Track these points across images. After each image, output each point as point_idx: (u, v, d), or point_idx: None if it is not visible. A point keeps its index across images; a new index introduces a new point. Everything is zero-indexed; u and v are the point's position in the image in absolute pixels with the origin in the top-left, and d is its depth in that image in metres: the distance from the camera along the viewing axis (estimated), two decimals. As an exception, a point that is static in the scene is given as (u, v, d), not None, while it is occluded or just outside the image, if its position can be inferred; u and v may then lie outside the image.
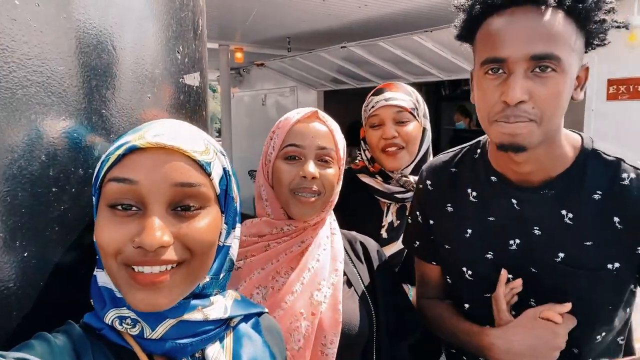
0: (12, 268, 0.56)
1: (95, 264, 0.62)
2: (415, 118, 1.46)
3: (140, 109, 0.71)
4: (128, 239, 0.55)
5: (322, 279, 0.98)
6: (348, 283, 1.04)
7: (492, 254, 0.99)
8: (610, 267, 0.89)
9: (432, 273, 1.16)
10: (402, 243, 1.29)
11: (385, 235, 1.44)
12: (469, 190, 1.03)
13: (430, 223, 1.11)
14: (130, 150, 0.56)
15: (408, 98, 1.46)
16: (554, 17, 0.80)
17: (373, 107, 1.47)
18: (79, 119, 0.62)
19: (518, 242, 0.96)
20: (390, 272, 1.15)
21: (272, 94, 7.20)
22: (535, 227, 0.94)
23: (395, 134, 1.42)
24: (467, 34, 0.92)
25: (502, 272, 0.96)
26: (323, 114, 1.03)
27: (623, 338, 1.02)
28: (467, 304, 1.06)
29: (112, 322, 0.58)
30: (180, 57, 0.80)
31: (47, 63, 0.58)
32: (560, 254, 0.91)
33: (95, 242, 0.59)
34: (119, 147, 0.57)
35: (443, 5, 3.90)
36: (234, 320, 0.70)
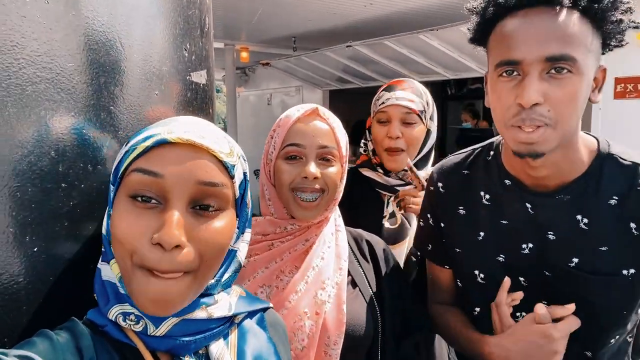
0: (22, 263, 0.56)
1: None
2: (422, 121, 1.48)
3: (148, 106, 0.72)
4: (146, 234, 0.55)
5: (326, 278, 0.97)
6: (353, 283, 1.03)
7: (504, 257, 0.98)
8: (626, 273, 0.87)
9: (443, 277, 1.15)
10: (414, 246, 1.28)
11: (388, 225, 1.46)
12: (482, 193, 1.02)
13: (442, 226, 1.09)
14: (159, 144, 0.57)
15: (418, 99, 1.48)
16: (569, 17, 0.78)
17: (383, 103, 1.49)
18: (88, 116, 0.62)
19: (531, 246, 0.95)
20: (397, 271, 1.14)
21: (277, 94, 7.20)
22: (550, 231, 0.92)
23: (400, 135, 1.45)
24: (480, 37, 0.91)
25: (505, 279, 0.94)
26: (324, 111, 1.01)
27: (632, 336, 1.01)
28: (477, 308, 1.04)
29: (115, 318, 0.58)
30: (188, 54, 0.80)
31: (56, 60, 0.58)
32: (575, 259, 0.90)
33: (107, 233, 0.59)
34: (147, 138, 0.57)
35: (449, 4, 3.88)
36: (239, 317, 0.70)
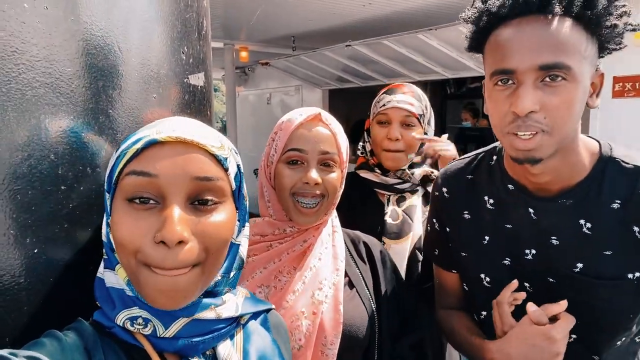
0: (22, 264, 0.57)
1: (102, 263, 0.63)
2: (420, 124, 1.52)
3: (146, 109, 0.72)
4: (148, 234, 0.55)
5: (323, 278, 0.98)
6: (350, 284, 1.04)
7: (509, 261, 0.98)
8: (631, 276, 0.87)
9: (450, 281, 1.15)
10: (422, 251, 1.29)
11: (390, 221, 1.47)
12: (486, 198, 1.02)
13: (447, 230, 1.10)
14: (149, 144, 0.57)
15: (418, 103, 1.52)
16: (562, 25, 0.78)
17: (384, 105, 1.52)
18: (87, 119, 0.63)
19: (534, 252, 0.95)
20: (394, 272, 1.14)
21: (277, 93, 7.21)
22: (553, 237, 0.92)
23: (399, 136, 1.48)
24: (476, 45, 0.91)
25: (513, 281, 0.93)
26: (326, 116, 1.02)
27: None
28: (484, 312, 1.04)
29: (123, 323, 0.59)
30: (185, 57, 0.81)
31: (55, 64, 0.59)
32: (579, 264, 0.90)
33: (108, 240, 0.60)
34: (137, 141, 0.58)
35: (447, 4, 3.89)
36: (244, 318, 0.70)
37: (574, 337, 0.93)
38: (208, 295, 0.64)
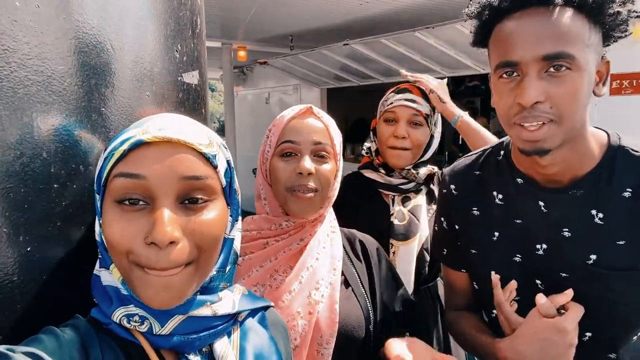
0: (15, 262, 0.57)
1: (96, 261, 0.64)
2: (428, 124, 1.53)
3: (140, 107, 0.72)
4: (139, 236, 0.55)
5: (320, 278, 0.98)
6: (346, 283, 1.04)
7: (520, 257, 0.97)
8: None
9: (459, 281, 1.14)
10: (431, 251, 1.28)
11: (397, 222, 1.47)
12: (495, 193, 1.01)
13: (456, 228, 1.09)
14: (136, 145, 0.57)
15: (426, 104, 1.54)
16: (563, 15, 0.79)
17: (392, 103, 1.54)
18: (79, 117, 0.63)
19: (545, 247, 0.94)
20: (391, 271, 1.14)
21: (275, 92, 7.21)
22: (565, 229, 0.91)
23: (406, 135, 1.49)
24: (481, 40, 0.92)
25: (492, 276, 0.93)
26: (318, 110, 1.03)
27: None
28: (495, 311, 1.02)
29: (119, 320, 0.59)
30: (179, 55, 0.81)
31: (47, 63, 0.59)
32: (592, 256, 0.88)
33: (101, 240, 0.60)
34: (123, 142, 0.57)
35: (445, 2, 3.89)
36: (242, 315, 0.70)
37: (589, 335, 0.92)
38: (204, 292, 0.64)
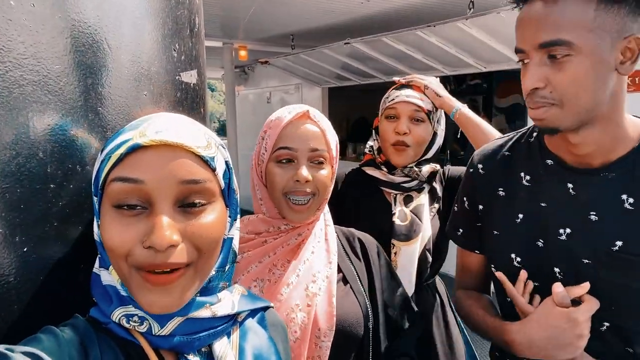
0: (12, 263, 0.57)
1: (95, 260, 0.63)
2: (430, 121, 1.51)
3: (137, 107, 0.72)
4: (137, 240, 0.55)
5: (317, 271, 0.98)
6: (344, 280, 1.04)
7: (542, 242, 0.96)
8: None
9: (472, 262, 1.15)
10: (445, 231, 1.27)
11: (399, 222, 1.46)
12: (522, 174, 1.01)
13: (480, 208, 1.09)
14: (133, 149, 0.56)
15: (427, 101, 1.53)
16: (562, 2, 0.80)
17: (393, 100, 1.52)
18: (76, 117, 0.63)
19: (569, 231, 0.93)
20: (389, 270, 1.14)
21: (277, 92, 7.21)
22: (592, 212, 0.90)
23: (407, 131, 1.48)
24: None
25: (521, 273, 0.94)
26: (314, 113, 1.02)
27: None
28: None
29: (119, 320, 0.59)
30: (177, 54, 0.80)
31: (43, 62, 0.59)
32: (618, 242, 0.87)
33: (100, 242, 0.59)
34: (120, 145, 0.57)
35: (446, 0, 3.88)
36: (241, 316, 0.70)
37: (607, 324, 0.91)
38: (203, 292, 0.64)
